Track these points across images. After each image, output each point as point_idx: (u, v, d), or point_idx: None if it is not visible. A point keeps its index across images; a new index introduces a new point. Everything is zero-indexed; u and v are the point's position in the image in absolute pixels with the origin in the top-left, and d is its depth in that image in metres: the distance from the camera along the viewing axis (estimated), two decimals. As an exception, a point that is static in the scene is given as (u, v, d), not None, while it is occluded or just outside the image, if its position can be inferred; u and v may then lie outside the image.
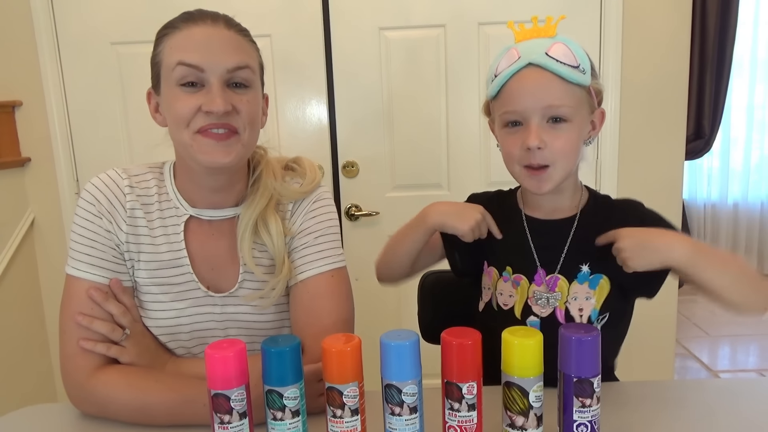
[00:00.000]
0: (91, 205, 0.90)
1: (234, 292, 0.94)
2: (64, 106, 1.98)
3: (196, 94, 0.82)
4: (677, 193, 2.03)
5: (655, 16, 1.91)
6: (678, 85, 1.96)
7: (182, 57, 0.81)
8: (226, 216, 0.94)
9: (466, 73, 1.93)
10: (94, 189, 0.91)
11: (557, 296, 0.93)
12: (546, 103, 0.86)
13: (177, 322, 0.93)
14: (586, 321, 0.93)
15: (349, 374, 0.66)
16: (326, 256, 0.94)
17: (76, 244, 0.90)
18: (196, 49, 0.81)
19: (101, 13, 1.93)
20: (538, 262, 0.95)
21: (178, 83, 0.82)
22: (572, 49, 0.86)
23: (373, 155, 1.99)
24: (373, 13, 1.91)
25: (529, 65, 0.86)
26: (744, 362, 2.81)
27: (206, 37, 0.82)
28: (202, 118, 0.82)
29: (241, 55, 0.84)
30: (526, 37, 0.90)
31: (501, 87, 0.89)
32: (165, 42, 0.85)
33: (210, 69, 0.81)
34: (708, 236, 4.09)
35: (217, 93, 0.81)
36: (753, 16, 3.72)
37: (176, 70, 0.81)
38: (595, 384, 0.66)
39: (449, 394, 0.67)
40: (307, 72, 1.94)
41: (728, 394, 0.90)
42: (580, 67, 0.86)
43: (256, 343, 0.94)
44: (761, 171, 3.99)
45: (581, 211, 0.96)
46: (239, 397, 0.67)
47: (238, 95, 0.84)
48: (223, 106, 0.81)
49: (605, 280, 0.92)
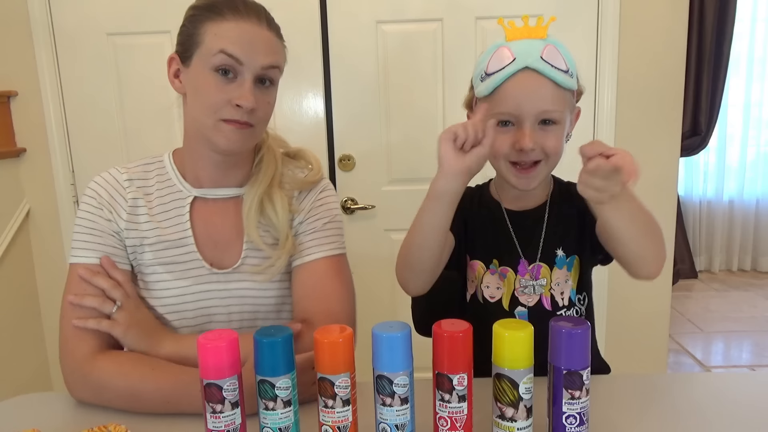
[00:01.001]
0: (92, 198, 0.95)
1: (237, 268, 0.97)
2: (59, 97, 1.97)
3: (229, 85, 0.88)
4: (672, 190, 2.03)
5: (652, 13, 1.91)
6: (674, 82, 1.96)
7: (226, 47, 0.86)
8: (230, 195, 0.99)
9: (463, 67, 1.93)
10: (95, 185, 0.96)
11: (542, 282, 0.96)
12: (541, 108, 0.87)
13: (182, 300, 0.96)
14: (567, 303, 0.97)
15: (340, 365, 0.67)
16: (333, 242, 1.00)
17: (78, 234, 0.94)
18: (240, 43, 0.87)
19: (97, 3, 1.92)
20: (521, 253, 0.97)
21: (215, 68, 0.87)
22: (562, 53, 0.88)
23: (370, 149, 1.99)
24: (371, 7, 1.90)
25: (525, 69, 0.87)
26: (737, 358, 2.83)
27: (251, 33, 0.88)
28: (230, 110, 0.88)
29: (275, 55, 0.91)
30: (517, 36, 0.90)
31: (495, 88, 0.89)
32: (209, 26, 0.88)
33: (248, 63, 0.87)
34: (704, 232, 4.11)
35: (248, 89, 0.88)
36: (750, 13, 3.73)
37: (217, 56, 0.87)
38: (584, 376, 0.67)
39: (440, 385, 0.67)
40: (303, 65, 1.94)
41: (719, 388, 0.91)
42: (570, 71, 0.89)
43: (259, 319, 0.99)
44: (757, 168, 4.01)
45: (550, 199, 0.99)
46: (231, 387, 0.68)
47: (263, 95, 0.91)
48: (253, 103, 0.87)
49: (577, 259, 0.97)
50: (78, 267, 0.92)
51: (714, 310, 3.39)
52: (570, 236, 0.96)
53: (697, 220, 4.10)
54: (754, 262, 4.12)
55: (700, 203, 4.08)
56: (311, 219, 1.00)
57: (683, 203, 3.94)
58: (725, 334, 3.05)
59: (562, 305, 0.97)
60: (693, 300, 3.57)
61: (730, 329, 3.09)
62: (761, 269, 4.09)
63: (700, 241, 4.11)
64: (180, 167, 0.99)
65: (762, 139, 3.97)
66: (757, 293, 3.65)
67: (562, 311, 0.97)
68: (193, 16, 0.90)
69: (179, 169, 0.99)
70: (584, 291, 1.00)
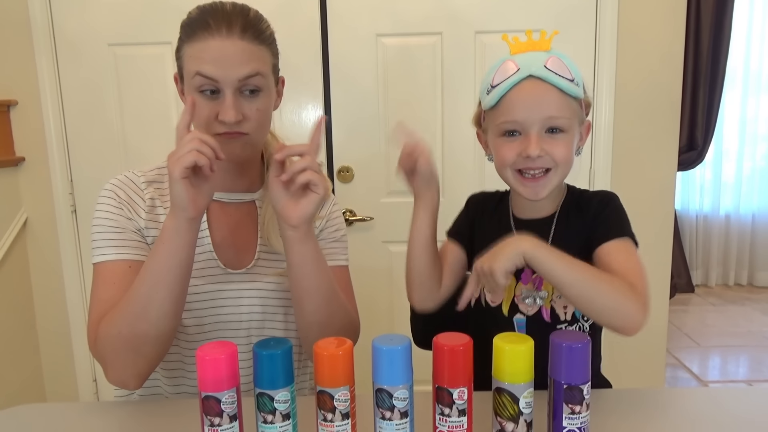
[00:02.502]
0: (111, 198, 0.97)
1: (250, 269, 1.01)
2: (59, 106, 1.98)
3: (213, 101, 0.91)
4: (669, 204, 2.04)
5: (650, 29, 1.93)
6: (671, 97, 1.98)
7: (200, 68, 0.89)
8: (243, 200, 1.03)
9: (462, 81, 1.94)
10: (112, 186, 0.99)
11: (543, 294, 0.95)
12: (546, 114, 0.88)
13: (195, 298, 0.97)
14: (570, 318, 0.95)
15: (340, 378, 0.67)
16: (344, 253, 1.08)
17: (99, 234, 0.96)
18: (212, 62, 0.89)
19: (99, 14, 1.93)
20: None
21: (197, 89, 0.91)
22: (566, 63, 0.89)
23: (368, 161, 1.99)
24: (371, 20, 1.92)
25: (530, 77, 0.88)
26: (734, 373, 2.82)
27: (222, 50, 0.89)
28: (217, 126, 0.91)
29: (252, 64, 0.90)
30: (521, 49, 0.91)
31: (500, 98, 0.90)
32: (186, 49, 0.92)
33: (223, 80, 0.89)
34: (700, 246, 4.12)
35: (229, 104, 0.89)
36: (746, 30, 3.77)
37: (195, 78, 0.90)
38: (584, 391, 0.67)
39: (440, 399, 0.67)
40: (303, 76, 1.95)
41: (717, 403, 0.91)
42: (575, 80, 0.89)
43: (267, 320, 1.02)
44: (752, 183, 4.03)
45: (560, 208, 0.98)
46: (230, 400, 0.67)
47: (249, 103, 0.92)
48: (235, 117, 0.89)
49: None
50: (108, 265, 0.94)
51: (711, 325, 3.39)
52: (575, 249, 0.93)
53: (693, 235, 4.11)
54: (750, 276, 4.13)
55: (696, 217, 4.09)
56: (330, 228, 1.07)
57: (680, 217, 3.95)
58: (722, 348, 3.05)
59: (563, 319, 0.95)
60: (690, 314, 3.57)
61: (727, 344, 3.09)
62: (757, 284, 4.09)
63: (696, 256, 4.12)
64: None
65: (758, 154, 3.99)
66: (753, 308, 3.65)
67: (563, 326, 0.95)
68: (179, 39, 0.94)
69: None
70: None
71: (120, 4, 1.92)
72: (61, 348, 2.11)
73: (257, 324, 1.01)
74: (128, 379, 0.91)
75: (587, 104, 0.94)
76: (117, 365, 0.90)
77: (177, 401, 1.03)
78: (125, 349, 0.88)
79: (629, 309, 0.82)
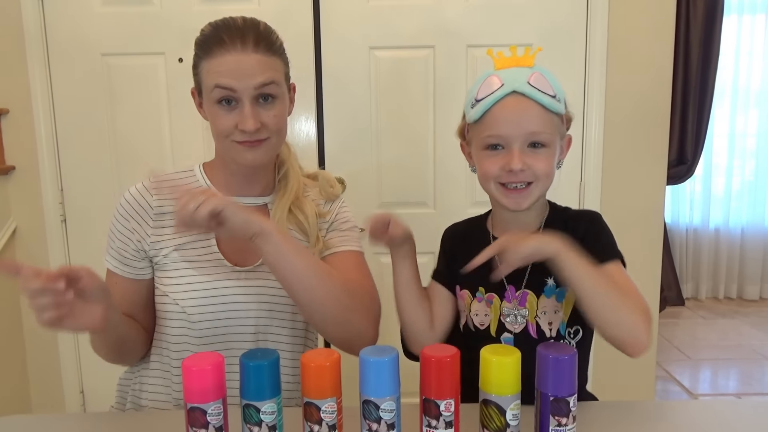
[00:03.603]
0: (122, 208, 1.04)
1: (258, 266, 1.04)
2: (51, 116, 1.97)
3: (232, 112, 0.96)
4: (659, 217, 2.06)
5: (639, 45, 1.96)
6: (660, 112, 2.00)
7: (218, 81, 0.95)
8: (256, 203, 1.07)
9: (453, 94, 1.96)
10: (126, 196, 1.05)
11: (525, 312, 0.96)
12: (528, 130, 0.90)
13: (205, 294, 1.01)
14: (555, 334, 0.95)
15: (327, 389, 0.67)
16: (356, 240, 1.12)
17: (108, 239, 1.05)
18: (229, 74, 0.94)
19: (92, 23, 1.93)
20: (505, 279, 0.96)
21: (216, 101, 0.96)
22: (549, 80, 0.91)
23: (361, 172, 2.00)
24: (364, 32, 1.94)
25: (513, 93, 0.90)
26: (724, 386, 2.83)
27: (238, 62, 0.95)
28: (238, 135, 0.97)
29: (266, 73, 0.96)
30: (506, 65, 0.93)
31: (484, 112, 0.92)
32: (203, 65, 0.98)
33: (241, 90, 0.95)
34: (690, 260, 4.15)
35: (248, 114, 0.95)
36: (734, 46, 3.82)
37: (215, 91, 0.96)
38: (571, 403, 0.67)
39: (427, 411, 0.67)
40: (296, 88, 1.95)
41: (705, 415, 0.91)
42: (557, 96, 0.91)
43: (275, 318, 1.05)
44: (741, 197, 4.07)
45: (544, 225, 0.99)
46: (216, 411, 0.67)
47: (266, 110, 0.98)
48: (254, 126, 0.95)
49: (572, 292, 0.94)
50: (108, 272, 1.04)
51: (701, 338, 3.40)
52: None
53: (683, 248, 4.14)
54: (740, 290, 4.15)
55: (686, 231, 4.12)
56: (340, 221, 1.12)
57: (670, 231, 3.98)
58: (712, 362, 3.05)
59: (549, 336, 0.95)
60: (680, 327, 3.58)
61: (717, 357, 3.10)
62: (747, 297, 4.11)
63: (686, 269, 4.14)
64: (210, 177, 1.08)
65: (746, 169, 4.04)
66: (743, 321, 3.67)
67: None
68: (195, 55, 1.00)
69: (209, 178, 1.08)
70: (577, 325, 0.96)
71: (113, 14, 1.93)
72: (48, 359, 2.08)
73: (265, 322, 1.04)
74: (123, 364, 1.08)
75: (568, 119, 0.97)
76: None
77: (163, 413, 1.02)
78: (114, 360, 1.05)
79: (641, 328, 0.84)
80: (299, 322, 1.08)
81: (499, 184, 0.93)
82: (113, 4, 1.92)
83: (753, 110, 3.93)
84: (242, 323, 1.02)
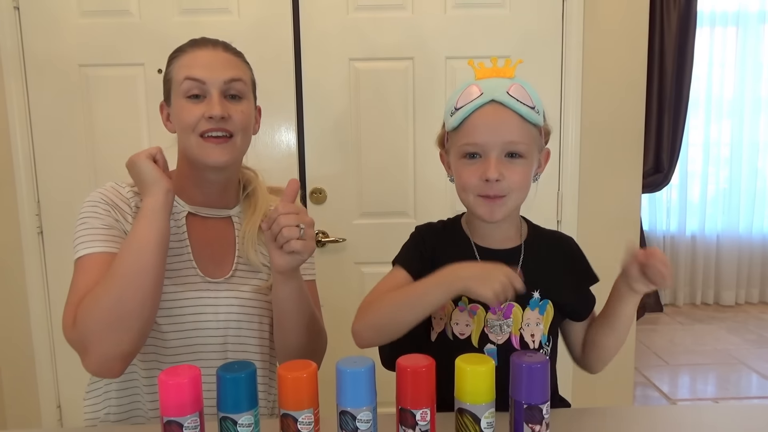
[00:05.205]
0: (100, 202, 1.01)
1: (228, 279, 1.06)
2: (27, 126, 1.95)
3: (200, 104, 0.99)
4: (635, 224, 2.10)
5: (614, 57, 2.00)
6: (635, 123, 2.04)
7: (189, 73, 0.99)
8: (220, 215, 1.09)
9: (432, 104, 1.98)
10: (99, 194, 1.02)
11: (509, 323, 0.97)
12: (506, 139, 0.91)
13: (177, 305, 1.01)
14: (537, 346, 0.97)
15: (304, 401, 0.67)
16: (313, 268, 1.16)
17: (85, 231, 0.97)
18: (199, 66, 1.00)
19: (70, 34, 1.92)
20: None
21: (185, 95, 0.99)
22: (528, 91, 0.92)
23: (341, 182, 2.01)
24: (343, 44, 1.95)
25: (492, 102, 0.91)
26: (702, 391, 2.88)
27: (208, 57, 1.01)
28: (204, 123, 0.99)
29: (235, 70, 1.02)
30: (486, 75, 0.95)
31: (463, 120, 0.93)
32: (175, 62, 1.03)
33: (210, 81, 0.99)
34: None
35: (216, 101, 0.98)
36: (707, 57, 3.92)
37: (184, 84, 0.99)
38: (544, 410, 0.68)
39: (403, 420, 0.68)
40: (276, 99, 1.96)
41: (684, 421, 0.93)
42: (536, 108, 0.93)
43: (243, 328, 1.06)
44: (716, 204, 4.16)
45: (525, 241, 1.02)
46: (192, 425, 0.67)
47: (233, 105, 1.01)
48: (221, 111, 0.98)
49: (550, 305, 0.99)
50: (87, 258, 0.95)
51: (679, 344, 3.45)
52: (550, 281, 0.98)
53: (661, 255, 4.20)
54: (716, 296, 4.23)
55: (663, 238, 4.19)
56: None
57: (648, 238, 4.05)
58: (690, 367, 3.10)
59: (532, 347, 0.97)
60: (659, 333, 3.64)
61: (695, 362, 3.15)
62: (723, 303, 4.19)
63: (665, 275, 4.21)
64: (175, 187, 1.04)
65: (721, 177, 4.13)
66: (719, 326, 3.74)
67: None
68: (168, 62, 1.05)
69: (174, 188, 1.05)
70: (551, 335, 1.01)
71: (91, 25, 1.92)
72: (23, 373, 2.04)
73: (234, 332, 1.05)
74: (112, 361, 0.91)
75: (547, 132, 0.98)
76: (102, 345, 0.89)
77: (139, 427, 1.01)
78: (111, 325, 0.88)
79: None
80: (266, 332, 1.09)
81: (477, 196, 0.93)
82: (91, 15, 1.91)
83: (726, 119, 4.03)
84: (212, 333, 1.03)
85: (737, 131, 4.03)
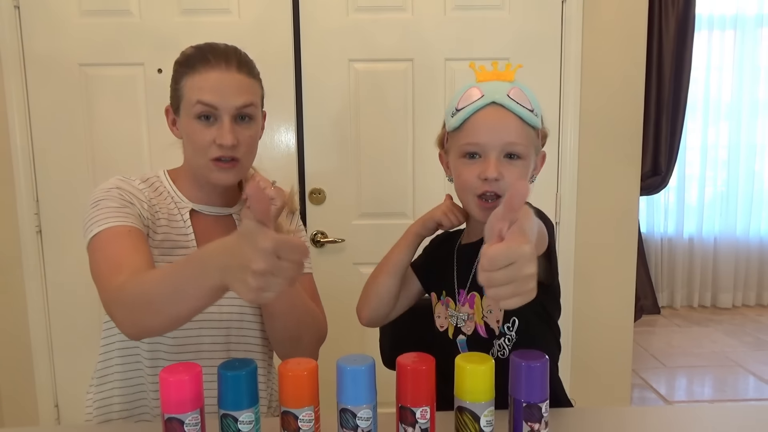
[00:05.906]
0: (110, 188, 0.99)
1: None
2: (27, 126, 1.95)
3: (211, 127, 0.99)
4: (633, 226, 2.10)
5: (612, 60, 2.01)
6: (633, 125, 2.05)
7: (201, 97, 0.98)
8: (222, 213, 1.11)
9: (432, 106, 1.99)
10: (108, 183, 1.01)
11: (464, 313, 1.00)
12: (505, 140, 0.92)
13: None
14: (498, 333, 0.96)
15: (305, 398, 0.67)
16: (309, 262, 1.17)
17: (99, 212, 0.94)
18: (212, 91, 0.98)
19: (70, 34, 1.92)
20: (456, 283, 1.01)
21: (196, 116, 0.99)
22: (527, 95, 0.94)
23: (340, 183, 2.01)
24: (343, 45, 1.96)
25: (492, 104, 0.93)
26: (699, 393, 2.88)
27: (222, 80, 0.99)
28: (215, 150, 0.99)
29: (247, 95, 1.01)
30: (487, 78, 0.96)
31: (464, 121, 0.94)
32: (186, 80, 1.00)
33: (222, 107, 0.98)
34: (665, 269, 4.22)
35: (227, 129, 0.98)
36: (705, 61, 3.93)
37: (196, 106, 0.98)
38: (543, 409, 0.69)
39: (403, 418, 0.68)
40: (276, 99, 1.96)
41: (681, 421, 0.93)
42: (534, 111, 0.94)
43: (245, 320, 1.08)
44: (714, 207, 4.17)
45: None
46: (193, 422, 0.67)
47: (242, 129, 1.01)
48: (232, 141, 0.98)
49: None
50: (104, 232, 0.91)
51: (676, 346, 3.46)
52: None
53: (659, 257, 4.22)
54: (713, 298, 4.24)
55: (661, 240, 4.20)
56: (299, 237, 1.13)
57: (645, 240, 4.06)
58: (687, 369, 3.11)
59: (497, 333, 0.96)
60: (656, 335, 3.64)
61: (692, 364, 3.16)
62: (720, 305, 4.20)
63: (662, 278, 4.22)
64: (175, 183, 1.09)
65: (718, 179, 4.14)
66: (716, 329, 3.75)
67: (500, 340, 0.96)
68: (176, 72, 1.03)
69: (175, 184, 1.09)
70: (512, 317, 0.96)
71: (92, 24, 1.92)
72: (21, 372, 2.04)
73: (236, 324, 1.07)
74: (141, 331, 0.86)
75: (544, 135, 1.00)
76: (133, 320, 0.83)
77: (140, 425, 1.01)
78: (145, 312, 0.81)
79: None
80: (262, 324, 1.11)
81: (476, 197, 0.95)
82: (91, 14, 1.92)
83: (723, 122, 4.04)
84: (216, 325, 1.04)
85: (735, 134, 4.05)
